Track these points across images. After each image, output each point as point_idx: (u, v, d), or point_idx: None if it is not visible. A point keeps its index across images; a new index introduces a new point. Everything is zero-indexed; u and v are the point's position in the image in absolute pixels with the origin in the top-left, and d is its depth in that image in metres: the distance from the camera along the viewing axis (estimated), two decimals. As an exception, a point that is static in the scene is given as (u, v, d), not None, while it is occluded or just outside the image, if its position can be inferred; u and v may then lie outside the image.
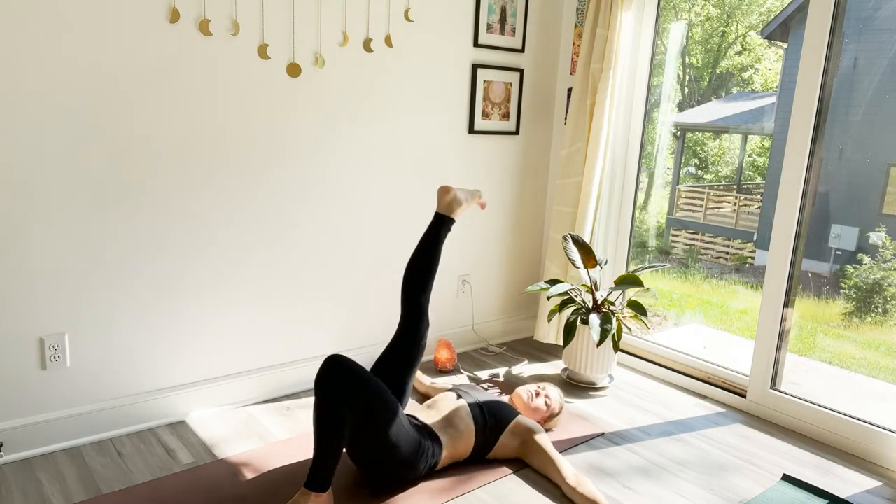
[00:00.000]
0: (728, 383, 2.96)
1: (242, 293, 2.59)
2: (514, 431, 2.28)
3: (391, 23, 2.78)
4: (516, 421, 2.31)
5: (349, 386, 1.87)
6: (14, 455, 2.17)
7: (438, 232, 2.25)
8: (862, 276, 3.51)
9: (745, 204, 4.55)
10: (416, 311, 2.23)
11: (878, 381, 3.21)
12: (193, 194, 2.40)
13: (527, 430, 2.28)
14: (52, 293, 2.17)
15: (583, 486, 2.08)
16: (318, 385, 1.89)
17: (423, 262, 2.24)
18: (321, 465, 1.89)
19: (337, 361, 1.91)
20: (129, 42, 2.17)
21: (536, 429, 2.30)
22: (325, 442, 1.87)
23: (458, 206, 2.28)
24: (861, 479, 2.35)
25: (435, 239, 2.25)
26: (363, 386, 1.90)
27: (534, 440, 2.25)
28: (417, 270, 2.23)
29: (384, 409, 1.94)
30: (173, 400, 2.48)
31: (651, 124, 3.43)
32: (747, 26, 4.61)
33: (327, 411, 1.86)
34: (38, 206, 2.10)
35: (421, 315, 2.24)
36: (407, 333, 2.23)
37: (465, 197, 2.31)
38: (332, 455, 1.89)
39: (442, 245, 2.27)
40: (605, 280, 3.26)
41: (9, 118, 2.00)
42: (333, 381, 1.87)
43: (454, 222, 2.30)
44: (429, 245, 2.25)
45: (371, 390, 1.92)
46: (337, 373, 1.88)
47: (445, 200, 2.27)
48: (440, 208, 2.28)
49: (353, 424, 1.90)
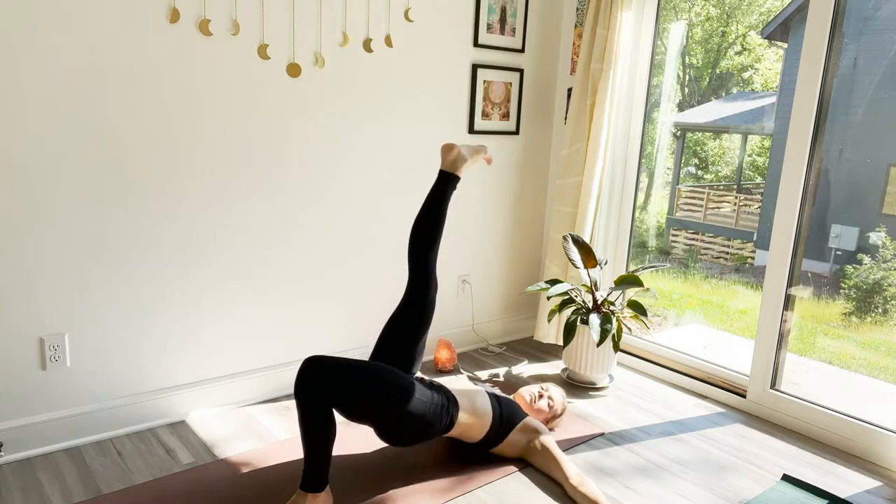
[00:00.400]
0: (728, 383, 2.96)
1: (242, 293, 2.59)
2: (524, 430, 2.29)
3: (391, 23, 2.78)
4: (525, 421, 2.32)
5: (328, 384, 1.86)
6: (14, 455, 2.17)
7: (444, 189, 2.21)
8: (862, 276, 3.51)
9: (745, 204, 4.55)
10: (423, 271, 2.18)
11: (878, 381, 3.21)
12: (193, 194, 2.40)
13: (534, 430, 2.30)
14: (52, 293, 2.17)
15: (585, 486, 2.08)
16: (297, 390, 1.87)
17: (429, 219, 2.19)
18: (313, 466, 1.89)
19: (312, 362, 1.89)
20: (130, 42, 2.17)
21: (543, 430, 2.31)
22: (312, 444, 1.88)
23: (463, 163, 2.23)
24: (861, 479, 2.35)
25: (441, 196, 2.21)
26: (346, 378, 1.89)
27: (540, 441, 2.26)
28: (424, 228, 2.19)
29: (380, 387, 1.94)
30: (173, 400, 2.48)
31: (651, 124, 3.43)
32: (747, 26, 4.61)
33: (310, 414, 1.86)
34: (39, 205, 2.10)
35: (428, 275, 2.18)
36: (415, 296, 2.17)
37: (469, 153, 2.26)
38: (322, 456, 1.89)
39: (448, 203, 2.22)
40: (605, 280, 3.26)
41: (8, 118, 2.00)
42: (313, 382, 1.86)
43: (459, 179, 2.25)
44: (434, 203, 2.20)
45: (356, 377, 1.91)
46: (314, 374, 1.87)
47: (449, 158, 2.23)
48: (444, 165, 2.23)
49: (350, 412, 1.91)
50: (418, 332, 2.16)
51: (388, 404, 1.95)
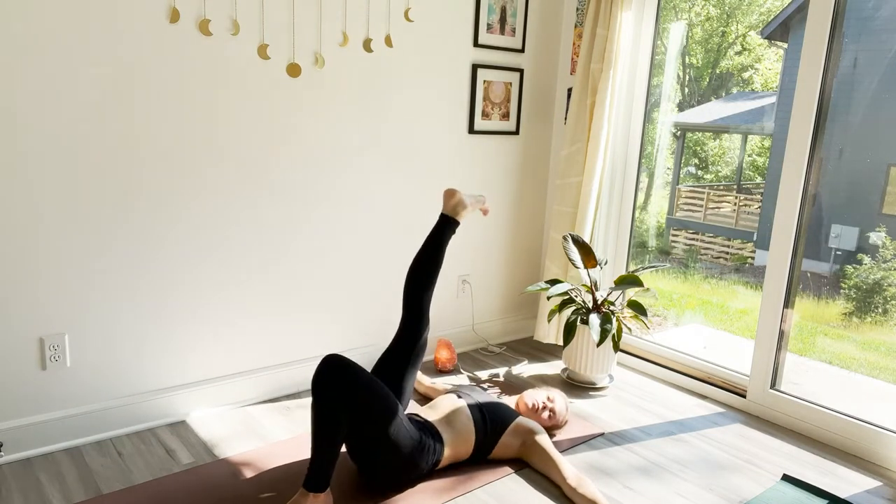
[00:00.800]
0: (728, 383, 2.96)
1: (243, 293, 2.59)
2: (516, 432, 2.28)
3: (391, 23, 2.78)
4: (517, 422, 2.31)
5: (347, 387, 1.87)
6: (14, 455, 2.17)
7: (443, 233, 2.30)
8: (862, 276, 3.51)
9: (745, 204, 4.56)
10: (417, 310, 2.26)
11: (878, 381, 3.21)
12: (193, 194, 2.40)
13: (528, 430, 2.28)
14: (52, 293, 2.17)
15: (583, 486, 2.08)
16: (316, 386, 1.89)
17: (427, 262, 2.28)
18: (319, 465, 1.89)
19: (334, 362, 1.90)
20: (130, 42, 2.17)
21: (537, 429, 2.30)
22: (322, 443, 1.87)
23: (463, 210, 2.34)
24: (861, 479, 2.35)
25: (440, 239, 2.30)
26: (362, 386, 1.90)
27: (535, 441, 2.25)
28: (421, 270, 2.27)
29: (383, 409, 1.94)
30: (173, 400, 2.48)
31: (651, 124, 3.43)
32: (747, 26, 4.61)
33: (325, 412, 1.86)
34: (39, 206, 2.10)
35: (421, 314, 2.26)
36: (407, 333, 2.25)
37: (470, 201, 2.37)
38: (329, 456, 1.89)
39: (446, 246, 2.31)
40: (605, 280, 3.26)
41: (8, 118, 2.00)
42: (331, 381, 1.87)
43: (458, 224, 2.34)
44: (433, 245, 2.29)
45: (369, 391, 1.91)
46: (334, 373, 1.88)
47: (451, 203, 2.33)
48: (446, 209, 2.33)
49: (351, 425, 1.90)
50: (409, 368, 2.23)
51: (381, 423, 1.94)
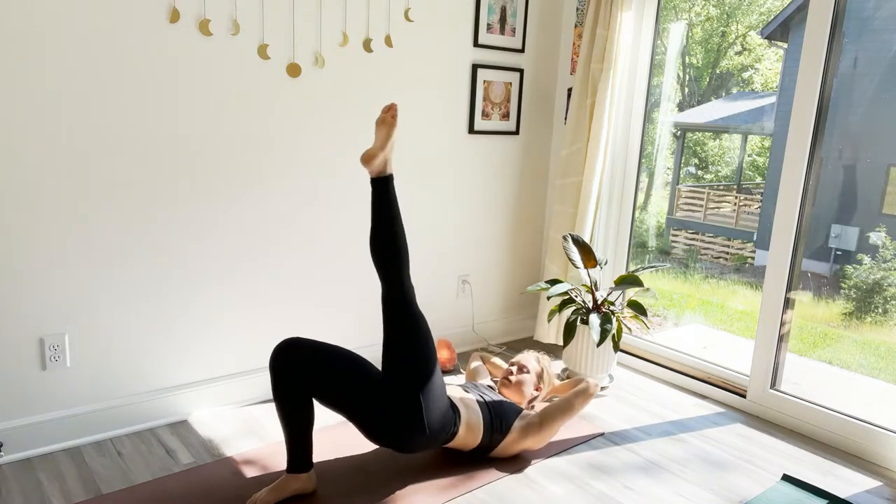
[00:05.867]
0: (728, 383, 2.96)
1: (243, 293, 2.59)
2: (521, 425, 2.30)
3: (391, 23, 2.78)
4: (520, 417, 2.33)
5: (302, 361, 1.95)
6: (14, 455, 2.17)
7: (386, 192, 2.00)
8: (862, 276, 3.51)
9: (745, 204, 4.55)
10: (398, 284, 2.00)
11: (878, 381, 3.21)
12: (194, 194, 2.40)
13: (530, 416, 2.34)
14: (52, 293, 2.17)
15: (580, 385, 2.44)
16: (271, 369, 1.98)
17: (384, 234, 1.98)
18: (295, 446, 1.98)
19: (283, 343, 1.99)
20: (129, 42, 2.17)
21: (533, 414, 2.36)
22: (290, 422, 1.96)
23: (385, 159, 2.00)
24: (861, 479, 2.35)
25: (387, 202, 1.99)
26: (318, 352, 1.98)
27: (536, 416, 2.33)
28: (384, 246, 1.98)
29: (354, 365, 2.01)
30: (173, 400, 2.48)
31: (651, 124, 3.43)
32: (747, 26, 4.61)
33: (282, 392, 1.95)
34: (39, 205, 2.10)
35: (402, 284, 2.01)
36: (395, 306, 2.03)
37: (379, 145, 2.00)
38: (302, 434, 1.97)
39: (397, 204, 2.01)
40: (605, 280, 3.26)
41: (8, 119, 2.00)
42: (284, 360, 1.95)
43: (392, 177, 2.03)
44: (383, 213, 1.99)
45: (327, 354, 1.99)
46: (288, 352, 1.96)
47: (374, 165, 1.99)
48: (374, 173, 2.00)
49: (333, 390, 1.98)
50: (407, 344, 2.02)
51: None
